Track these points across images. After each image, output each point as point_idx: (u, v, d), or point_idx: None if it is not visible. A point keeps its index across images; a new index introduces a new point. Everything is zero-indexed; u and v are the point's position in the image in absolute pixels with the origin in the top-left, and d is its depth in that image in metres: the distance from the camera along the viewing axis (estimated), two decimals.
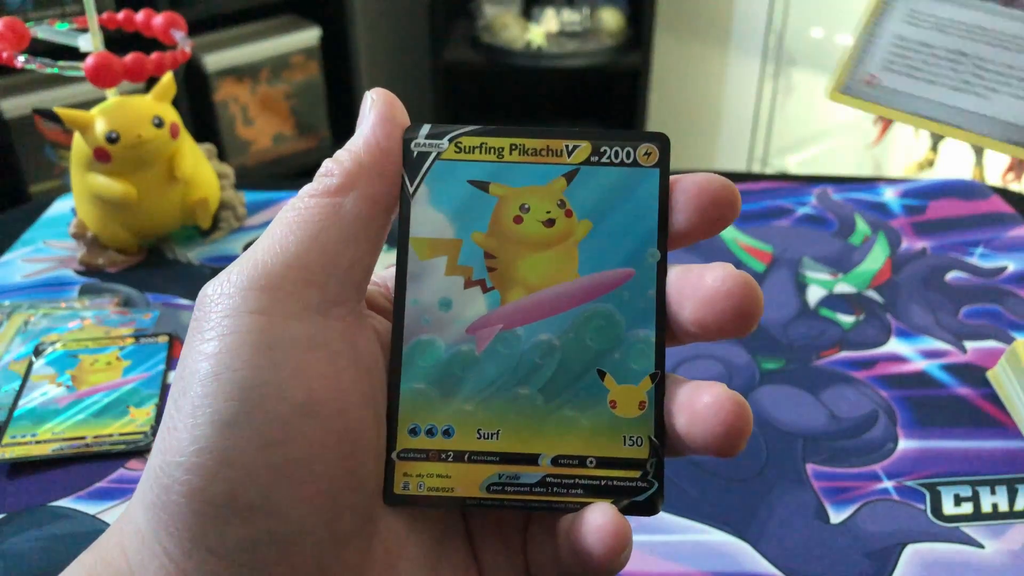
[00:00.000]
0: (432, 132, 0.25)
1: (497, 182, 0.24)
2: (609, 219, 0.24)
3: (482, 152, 0.24)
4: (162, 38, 0.61)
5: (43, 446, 0.44)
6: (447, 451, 0.23)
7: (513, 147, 0.24)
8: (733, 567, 0.37)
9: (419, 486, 0.23)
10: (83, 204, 0.60)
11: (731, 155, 1.83)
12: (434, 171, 0.24)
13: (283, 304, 0.22)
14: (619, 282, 0.23)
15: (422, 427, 0.23)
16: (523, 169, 0.24)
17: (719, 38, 1.76)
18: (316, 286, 0.22)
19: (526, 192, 0.24)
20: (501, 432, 0.23)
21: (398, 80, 1.92)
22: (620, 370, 0.23)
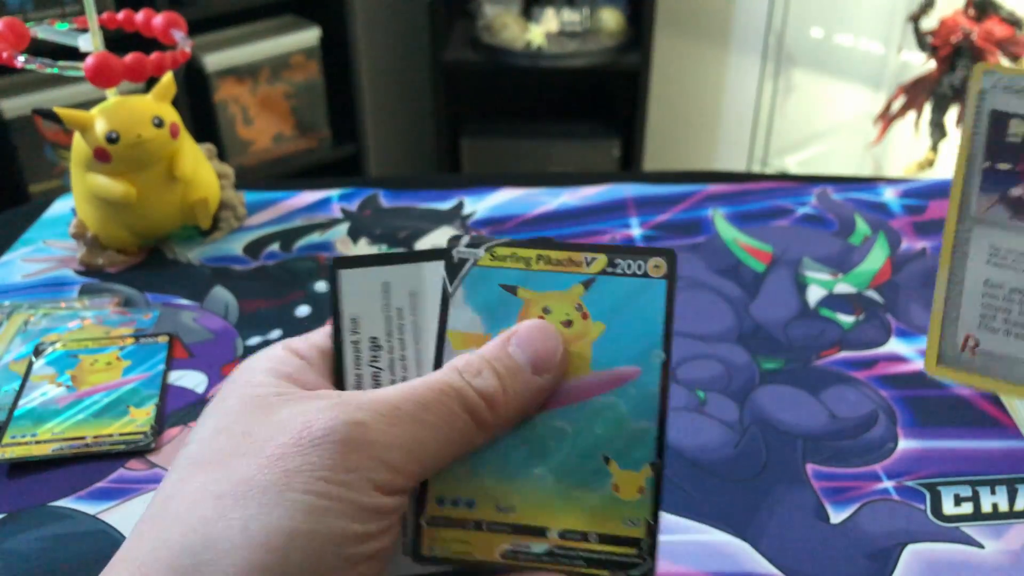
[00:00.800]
0: (471, 242, 0.28)
1: (524, 287, 0.27)
2: (620, 322, 0.26)
3: (513, 260, 0.27)
4: (162, 38, 0.61)
5: (43, 446, 0.44)
6: (468, 520, 0.26)
7: (539, 257, 0.27)
8: (733, 567, 0.37)
9: (444, 549, 0.26)
10: (83, 204, 0.60)
11: (731, 155, 1.83)
12: (471, 275, 0.27)
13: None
14: (627, 379, 0.26)
15: (448, 498, 0.26)
16: (547, 276, 0.27)
17: (719, 38, 1.76)
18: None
19: (549, 296, 0.27)
20: (516, 506, 0.26)
21: (398, 80, 1.92)
22: (623, 457, 0.26)
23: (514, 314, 0.27)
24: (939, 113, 1.41)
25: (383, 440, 0.23)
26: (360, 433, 0.23)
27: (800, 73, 1.70)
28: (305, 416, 0.24)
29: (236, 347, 0.52)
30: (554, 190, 0.68)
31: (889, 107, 1.46)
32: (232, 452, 0.24)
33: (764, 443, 0.43)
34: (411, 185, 0.70)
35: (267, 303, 0.56)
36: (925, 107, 1.43)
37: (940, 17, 1.36)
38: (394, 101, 1.93)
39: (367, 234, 0.63)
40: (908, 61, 1.60)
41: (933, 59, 1.38)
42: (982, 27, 1.31)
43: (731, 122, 1.82)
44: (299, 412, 0.24)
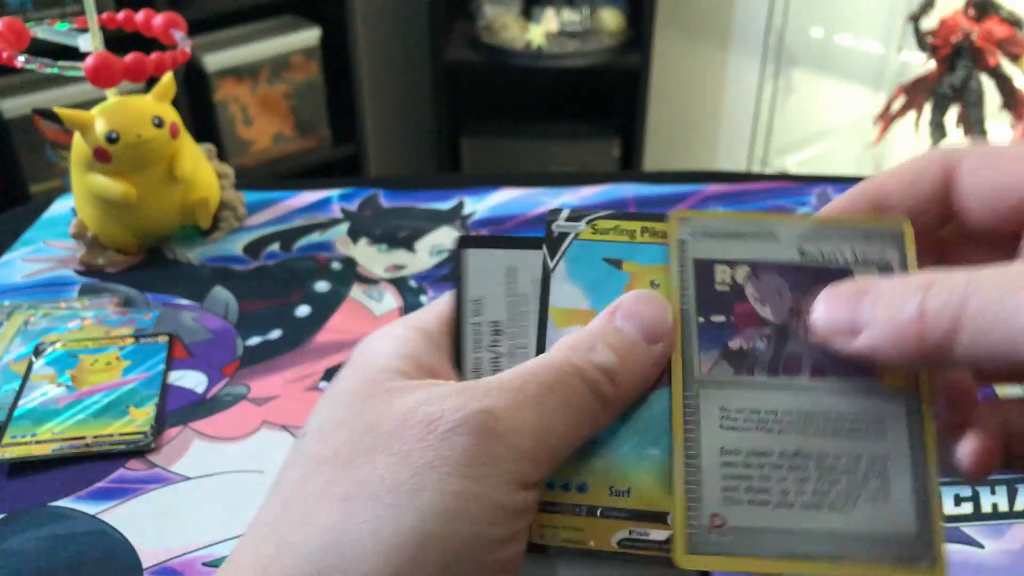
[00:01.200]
0: (571, 215, 0.26)
1: (630, 260, 0.26)
2: None
3: (616, 233, 0.26)
4: (162, 38, 0.61)
5: (43, 446, 0.44)
6: (581, 505, 0.24)
7: (644, 229, 0.26)
8: None
9: (554, 536, 0.24)
10: (83, 204, 0.60)
11: (731, 155, 1.83)
12: (572, 249, 0.26)
13: None
14: None
15: (558, 481, 0.24)
16: (653, 249, 0.25)
17: (719, 38, 1.76)
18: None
19: (656, 270, 0.25)
20: (631, 490, 0.24)
21: (398, 80, 1.92)
22: None
23: (619, 289, 0.25)
24: (939, 113, 1.41)
25: (514, 427, 0.22)
26: (491, 421, 0.21)
27: (800, 73, 1.70)
28: (430, 406, 0.22)
29: (236, 347, 0.52)
30: (554, 190, 0.68)
31: (889, 107, 1.46)
32: (355, 448, 0.22)
33: None
34: (411, 185, 0.70)
35: (267, 303, 0.56)
36: (925, 107, 1.43)
37: (940, 17, 1.36)
38: (394, 101, 1.93)
39: (367, 234, 0.63)
40: (908, 61, 1.61)
41: (933, 59, 1.38)
42: (982, 27, 1.31)
43: (731, 122, 1.82)
44: (422, 401, 0.22)
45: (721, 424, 0.23)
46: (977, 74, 1.34)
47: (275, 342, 0.53)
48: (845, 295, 0.22)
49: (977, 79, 1.35)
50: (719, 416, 0.23)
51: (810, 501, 0.23)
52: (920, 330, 0.20)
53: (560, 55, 1.62)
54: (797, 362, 0.24)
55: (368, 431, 0.22)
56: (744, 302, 0.24)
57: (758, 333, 0.24)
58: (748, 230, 0.25)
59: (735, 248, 0.25)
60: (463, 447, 0.21)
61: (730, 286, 0.24)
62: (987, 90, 1.35)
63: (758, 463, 0.23)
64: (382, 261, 0.60)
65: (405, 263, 0.60)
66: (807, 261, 0.24)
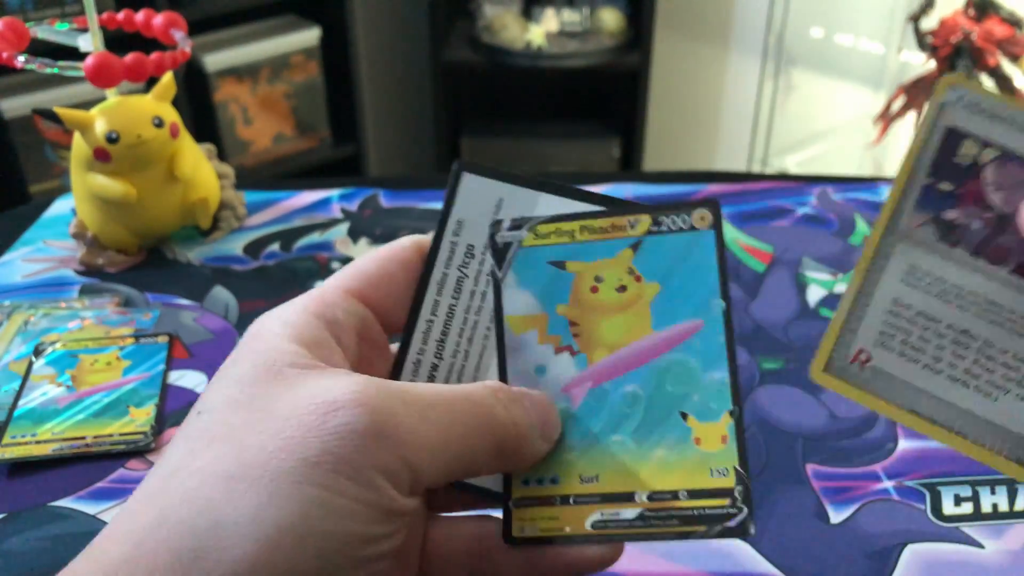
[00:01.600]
0: (513, 224, 0.27)
1: (573, 260, 0.27)
2: (674, 279, 0.26)
3: (557, 236, 0.27)
4: (162, 38, 0.61)
5: (43, 446, 0.44)
6: (555, 496, 0.26)
7: (583, 228, 0.27)
8: (733, 567, 0.37)
9: (533, 528, 0.26)
10: (83, 204, 0.60)
11: (731, 155, 1.83)
12: (518, 257, 0.27)
13: None
14: (690, 333, 0.26)
15: (532, 477, 0.26)
16: (594, 246, 0.27)
17: (719, 38, 1.76)
18: None
19: (599, 265, 0.27)
20: (600, 476, 0.26)
21: (398, 80, 1.92)
22: (700, 410, 0.26)
23: (567, 289, 0.27)
24: None
25: (411, 439, 0.22)
26: (390, 425, 0.21)
27: (800, 73, 1.70)
28: (330, 394, 0.22)
29: None
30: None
31: (889, 107, 1.46)
32: (247, 427, 0.22)
33: (764, 443, 0.43)
34: (411, 185, 0.70)
35: (267, 303, 0.56)
36: (925, 107, 1.43)
37: (940, 17, 1.36)
38: (394, 101, 1.93)
39: (367, 234, 0.63)
40: (908, 61, 1.60)
41: (933, 59, 1.38)
42: (982, 27, 1.31)
43: (731, 122, 1.82)
44: (324, 388, 0.22)
45: (904, 279, 0.24)
46: (977, 74, 1.34)
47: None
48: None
49: (977, 79, 1.34)
50: (906, 272, 0.24)
51: (959, 376, 0.23)
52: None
53: (560, 55, 1.62)
54: (1005, 253, 0.23)
55: (264, 413, 0.22)
56: (977, 181, 0.24)
57: (979, 213, 0.24)
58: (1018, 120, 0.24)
59: (994, 130, 0.24)
60: (356, 446, 0.21)
61: (972, 162, 0.24)
62: None
63: (924, 324, 0.23)
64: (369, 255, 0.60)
65: None
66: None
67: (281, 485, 0.20)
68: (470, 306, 0.27)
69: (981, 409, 0.22)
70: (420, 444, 0.22)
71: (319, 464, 0.21)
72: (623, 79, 1.71)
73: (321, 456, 0.21)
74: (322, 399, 0.22)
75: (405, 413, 0.22)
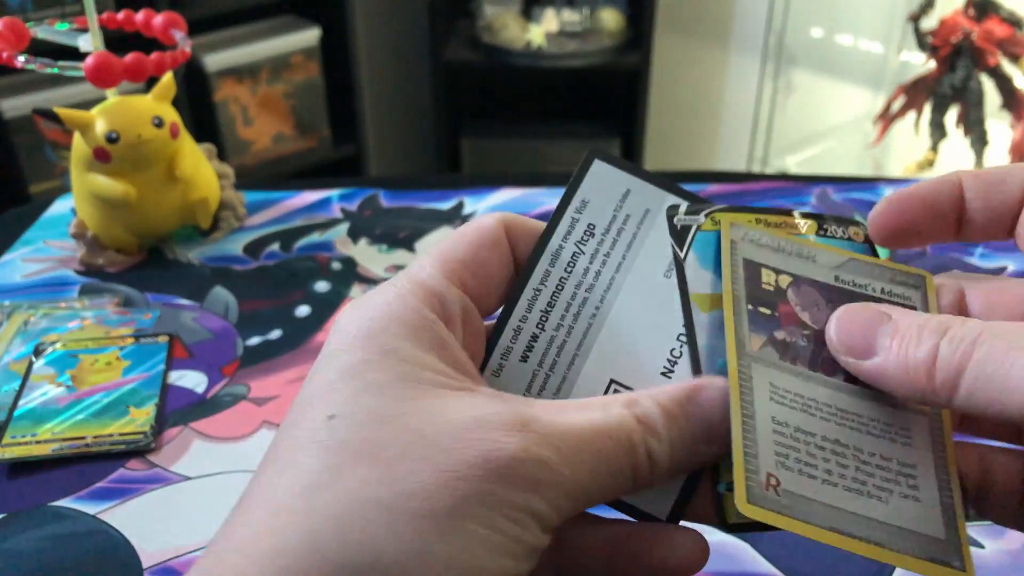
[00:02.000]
0: (689, 209, 0.28)
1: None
2: None
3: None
4: (162, 38, 0.61)
5: (43, 446, 0.44)
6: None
7: (757, 220, 0.27)
8: (733, 567, 0.37)
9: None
10: (83, 204, 0.60)
11: (731, 155, 1.83)
12: (697, 240, 0.27)
13: None
14: None
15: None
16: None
17: (719, 38, 1.76)
18: None
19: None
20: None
21: (398, 80, 1.92)
22: None
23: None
24: (939, 113, 1.41)
25: (560, 482, 0.21)
26: (543, 472, 0.21)
27: (800, 73, 1.70)
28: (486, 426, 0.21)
29: (236, 347, 0.52)
30: (554, 190, 0.68)
31: (889, 107, 1.46)
32: (398, 450, 0.20)
33: None
34: (411, 185, 0.70)
35: (267, 303, 0.56)
36: (925, 107, 1.43)
37: (940, 17, 1.36)
38: (394, 101, 1.93)
39: (367, 234, 0.63)
40: (908, 61, 1.61)
41: (933, 59, 1.38)
42: (982, 27, 1.31)
43: (731, 122, 1.82)
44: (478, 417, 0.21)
45: (771, 397, 0.24)
46: (977, 74, 1.34)
47: (275, 342, 0.53)
48: (864, 316, 0.23)
49: (977, 79, 1.35)
50: (769, 389, 0.24)
51: (851, 485, 0.23)
52: (929, 371, 0.21)
53: (560, 55, 1.62)
54: (834, 365, 0.24)
55: (415, 435, 0.21)
56: (787, 304, 0.25)
57: (799, 332, 0.25)
58: (790, 249, 0.26)
59: (778, 260, 0.26)
60: (515, 488, 0.21)
61: (775, 287, 0.26)
62: (987, 90, 1.35)
63: (804, 439, 0.23)
64: (382, 261, 0.60)
65: (405, 263, 0.60)
66: (841, 285, 0.26)
67: (444, 522, 0.20)
68: (581, 282, 0.27)
69: (881, 514, 0.23)
70: (569, 491, 0.22)
71: (481, 503, 0.20)
72: (623, 79, 1.71)
73: (484, 495, 0.20)
74: (478, 433, 0.21)
75: (557, 460, 0.21)
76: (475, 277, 0.25)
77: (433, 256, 0.25)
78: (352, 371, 0.22)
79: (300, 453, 0.21)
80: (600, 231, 0.27)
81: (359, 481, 0.20)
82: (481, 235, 0.26)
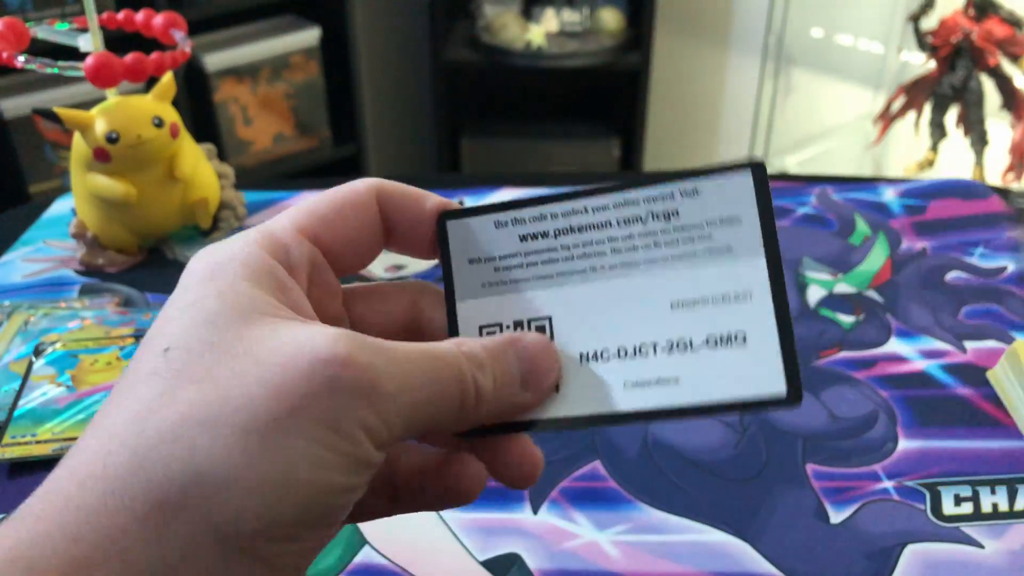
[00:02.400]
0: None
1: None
2: None
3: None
4: (162, 38, 0.61)
5: (43, 446, 0.44)
6: None
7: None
8: (733, 567, 0.37)
9: None
10: (83, 204, 0.60)
11: (731, 155, 1.83)
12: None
13: None
14: None
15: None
16: None
17: (719, 38, 1.76)
18: None
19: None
20: None
21: (398, 80, 1.92)
22: None
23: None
24: (939, 113, 1.41)
25: (393, 396, 0.22)
26: (374, 383, 0.21)
27: (800, 73, 1.70)
28: (314, 346, 0.21)
29: None
30: (554, 190, 0.68)
31: (889, 107, 1.46)
32: (227, 371, 0.21)
33: (764, 443, 0.43)
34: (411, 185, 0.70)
35: None
36: (925, 107, 1.43)
37: (940, 17, 1.36)
38: (394, 101, 1.93)
39: None
40: (908, 61, 1.61)
41: (933, 59, 1.38)
42: (982, 27, 1.31)
43: (731, 122, 1.82)
44: (307, 339, 0.21)
45: None
46: (977, 74, 1.34)
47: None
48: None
49: (977, 79, 1.35)
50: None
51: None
52: None
53: (560, 55, 1.62)
54: None
55: (246, 358, 0.21)
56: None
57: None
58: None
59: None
60: (340, 401, 0.21)
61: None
62: (987, 90, 1.35)
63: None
64: (382, 261, 0.60)
65: (405, 263, 0.60)
66: None
67: (268, 435, 0.20)
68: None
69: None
70: (401, 406, 0.22)
71: (306, 416, 0.20)
72: (623, 79, 1.71)
73: (308, 408, 0.20)
74: (308, 351, 0.21)
75: (387, 373, 0.22)
76: (333, 235, 0.26)
77: (292, 210, 0.26)
78: (188, 307, 0.23)
79: (139, 385, 0.21)
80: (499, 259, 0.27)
81: (188, 403, 0.20)
82: (347, 196, 0.26)
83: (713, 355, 0.24)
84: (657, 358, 0.24)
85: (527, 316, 0.26)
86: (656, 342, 0.24)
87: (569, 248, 0.26)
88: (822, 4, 1.66)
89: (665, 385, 0.24)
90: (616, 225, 0.26)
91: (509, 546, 0.38)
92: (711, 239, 0.24)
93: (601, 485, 0.41)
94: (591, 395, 0.25)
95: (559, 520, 0.39)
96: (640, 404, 0.24)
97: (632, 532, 0.39)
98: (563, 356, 0.25)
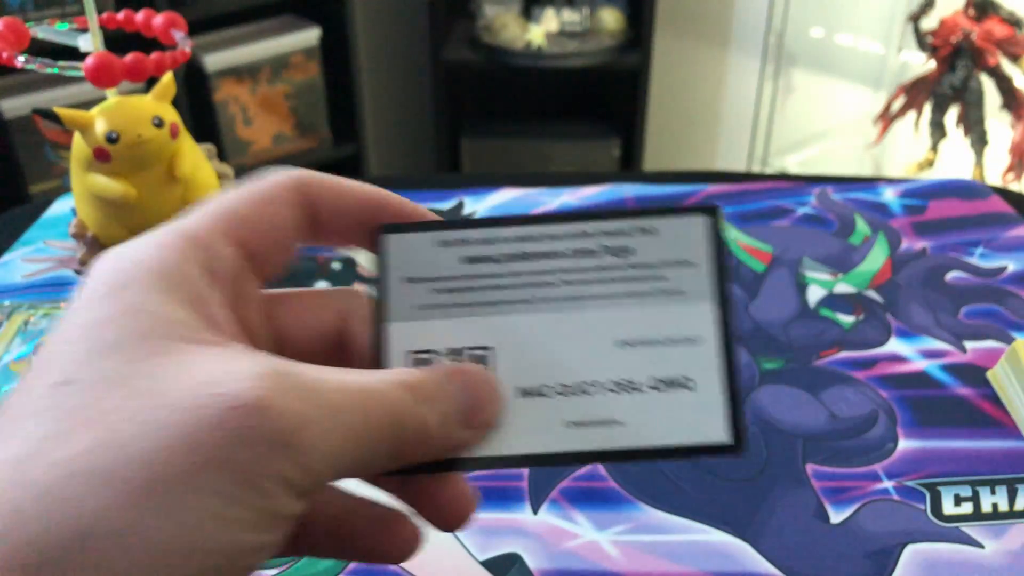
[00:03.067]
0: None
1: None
2: None
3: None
4: (162, 38, 0.61)
5: None
6: None
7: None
8: (733, 567, 0.37)
9: None
10: (83, 204, 0.60)
11: (731, 155, 1.83)
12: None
13: None
14: None
15: None
16: None
17: (719, 38, 1.76)
18: None
19: None
20: None
21: (398, 80, 1.92)
22: None
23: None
24: (939, 113, 1.41)
25: (317, 445, 0.19)
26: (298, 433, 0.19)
27: (800, 73, 1.70)
28: (230, 384, 0.18)
29: None
30: (554, 190, 0.68)
31: (889, 107, 1.46)
32: (126, 414, 0.18)
33: (764, 443, 0.43)
34: (411, 185, 0.70)
35: None
36: (925, 107, 1.43)
37: (940, 17, 1.36)
38: (394, 101, 1.93)
39: None
40: (908, 61, 1.61)
41: (933, 59, 1.38)
42: (982, 27, 1.31)
43: (731, 122, 1.82)
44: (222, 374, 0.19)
45: None
46: (977, 74, 1.34)
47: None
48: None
49: (977, 79, 1.35)
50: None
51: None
52: None
53: (560, 55, 1.62)
54: None
55: (148, 397, 0.18)
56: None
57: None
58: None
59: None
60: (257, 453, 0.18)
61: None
62: (987, 90, 1.35)
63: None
64: None
65: None
66: None
67: (168, 492, 0.17)
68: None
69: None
70: (327, 453, 0.19)
71: (214, 470, 0.18)
72: (623, 79, 1.71)
73: (216, 461, 0.18)
74: (221, 390, 0.18)
75: (312, 418, 0.19)
76: (256, 235, 0.23)
77: (209, 208, 0.23)
78: (89, 330, 0.20)
79: (28, 421, 0.18)
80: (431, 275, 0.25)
81: (78, 450, 0.18)
82: (270, 191, 0.24)
83: (658, 398, 0.23)
84: (600, 398, 0.23)
85: (464, 344, 0.24)
86: (600, 381, 0.23)
87: (517, 275, 0.24)
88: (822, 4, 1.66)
89: (607, 426, 0.23)
90: (568, 256, 0.24)
91: (509, 546, 0.38)
92: (664, 280, 0.24)
93: (601, 485, 0.41)
94: (529, 433, 0.23)
95: (559, 520, 0.39)
96: (579, 445, 0.23)
97: (632, 532, 0.39)
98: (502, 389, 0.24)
